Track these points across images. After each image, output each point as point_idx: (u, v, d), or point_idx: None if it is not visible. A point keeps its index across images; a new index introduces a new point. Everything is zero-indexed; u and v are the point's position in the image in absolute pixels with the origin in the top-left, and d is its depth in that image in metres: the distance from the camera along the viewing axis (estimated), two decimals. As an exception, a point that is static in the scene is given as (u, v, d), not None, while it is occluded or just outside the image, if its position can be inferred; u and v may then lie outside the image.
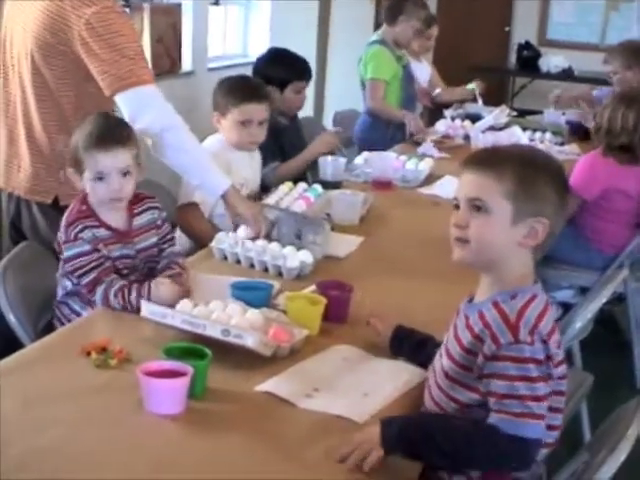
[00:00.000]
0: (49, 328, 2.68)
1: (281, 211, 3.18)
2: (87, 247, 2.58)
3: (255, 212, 3.09)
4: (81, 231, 2.58)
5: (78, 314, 2.68)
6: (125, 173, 2.61)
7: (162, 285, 2.54)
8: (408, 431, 1.86)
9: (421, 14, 5.68)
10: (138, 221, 2.73)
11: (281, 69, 4.20)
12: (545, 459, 2.02)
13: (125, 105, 2.93)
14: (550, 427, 1.92)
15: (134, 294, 2.51)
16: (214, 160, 3.16)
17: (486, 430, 1.84)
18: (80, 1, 2.86)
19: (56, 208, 2.99)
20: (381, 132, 5.54)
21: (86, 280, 2.56)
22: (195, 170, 3.09)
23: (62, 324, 2.69)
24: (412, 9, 5.60)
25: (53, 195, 3.05)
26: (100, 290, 2.53)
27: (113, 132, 2.63)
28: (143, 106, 2.92)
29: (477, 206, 1.93)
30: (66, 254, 2.59)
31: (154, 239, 2.77)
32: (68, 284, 2.68)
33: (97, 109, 2.81)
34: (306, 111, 4.79)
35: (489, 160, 1.98)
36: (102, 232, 2.63)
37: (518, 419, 1.80)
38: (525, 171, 1.92)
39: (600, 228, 4.28)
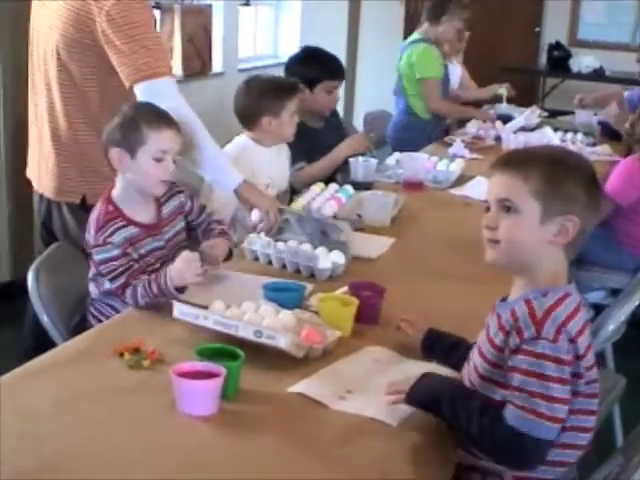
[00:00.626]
0: (80, 327, 2.69)
1: (298, 214, 3.17)
2: (116, 252, 2.58)
3: (269, 205, 3.10)
4: (111, 235, 2.58)
5: (118, 311, 2.67)
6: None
7: (178, 263, 2.53)
8: (429, 391, 1.96)
9: (463, 14, 5.68)
10: (166, 209, 2.77)
11: (314, 68, 4.17)
12: (577, 462, 2.01)
13: (140, 97, 2.91)
14: (583, 429, 1.92)
15: (154, 286, 2.51)
16: (237, 162, 3.17)
17: (492, 415, 1.86)
18: None
19: (84, 208, 2.98)
20: (415, 131, 5.54)
21: (116, 284, 2.57)
22: (207, 166, 3.08)
23: (99, 321, 2.69)
24: (455, 9, 5.61)
25: (80, 195, 3.06)
26: (128, 294, 2.54)
27: (168, 115, 2.70)
28: (157, 98, 2.87)
29: (507, 207, 1.94)
30: (96, 257, 2.60)
31: (182, 224, 2.81)
32: (106, 283, 2.65)
33: (122, 103, 2.79)
34: (336, 112, 4.80)
35: (516, 161, 1.99)
36: (132, 230, 2.64)
37: (523, 413, 1.81)
38: (553, 170, 1.93)
39: (634, 232, 4.26)
